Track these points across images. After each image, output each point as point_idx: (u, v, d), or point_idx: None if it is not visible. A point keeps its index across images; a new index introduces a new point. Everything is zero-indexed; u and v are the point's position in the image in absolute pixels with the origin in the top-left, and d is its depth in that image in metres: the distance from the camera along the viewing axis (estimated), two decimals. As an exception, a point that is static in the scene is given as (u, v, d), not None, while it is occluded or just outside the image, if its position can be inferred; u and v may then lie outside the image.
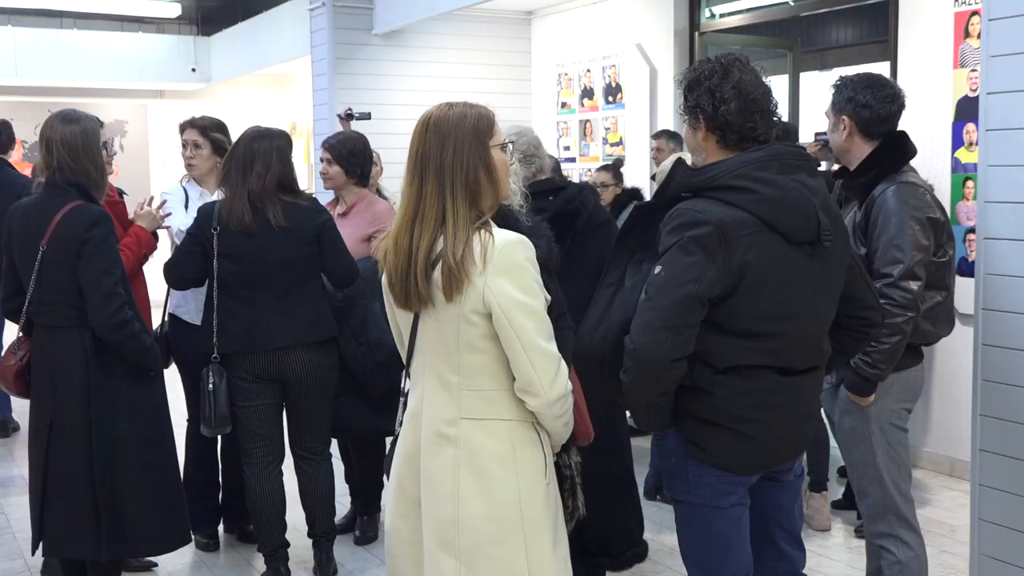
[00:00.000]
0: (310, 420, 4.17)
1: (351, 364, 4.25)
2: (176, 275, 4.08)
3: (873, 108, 3.28)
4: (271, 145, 4.00)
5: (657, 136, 6.38)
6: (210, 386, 3.96)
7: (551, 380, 2.46)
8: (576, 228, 3.64)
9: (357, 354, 4.25)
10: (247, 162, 3.95)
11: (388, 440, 3.01)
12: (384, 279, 2.58)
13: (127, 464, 3.65)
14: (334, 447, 5.27)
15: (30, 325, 3.68)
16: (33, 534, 3.75)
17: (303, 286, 4.04)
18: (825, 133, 3.56)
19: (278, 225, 3.93)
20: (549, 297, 2.54)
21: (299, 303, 4.03)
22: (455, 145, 2.47)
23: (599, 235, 3.73)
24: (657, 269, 2.47)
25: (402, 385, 2.75)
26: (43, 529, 3.69)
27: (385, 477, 2.83)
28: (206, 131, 4.54)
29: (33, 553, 3.87)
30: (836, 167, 3.54)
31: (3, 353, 3.78)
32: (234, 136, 4.60)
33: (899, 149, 3.33)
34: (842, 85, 3.36)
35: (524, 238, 2.49)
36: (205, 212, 4.02)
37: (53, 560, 4.09)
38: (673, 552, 3.00)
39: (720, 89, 2.57)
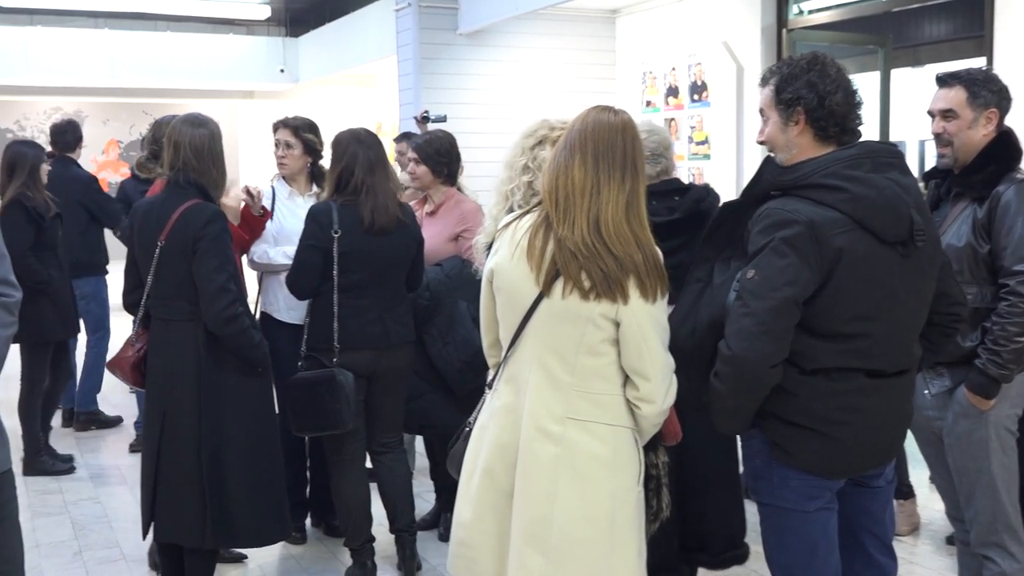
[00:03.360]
0: (390, 415, 4.21)
1: (437, 363, 4.28)
2: (299, 289, 4.08)
3: (1010, 102, 3.26)
4: (383, 148, 4.12)
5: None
6: (347, 392, 3.93)
7: (667, 391, 2.52)
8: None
9: (444, 353, 4.28)
10: (376, 163, 4.02)
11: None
12: (499, 260, 2.60)
13: (233, 456, 3.74)
14: (420, 445, 5.33)
15: (148, 318, 3.82)
16: (143, 519, 3.87)
17: (403, 285, 4.14)
18: None
19: (409, 223, 4.07)
20: None
21: (402, 302, 4.12)
22: None
23: None
24: (751, 273, 2.44)
25: (489, 375, 2.75)
26: (154, 515, 3.80)
27: (452, 471, 2.85)
28: (298, 131, 4.60)
29: (144, 537, 3.97)
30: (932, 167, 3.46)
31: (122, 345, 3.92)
32: (322, 135, 4.70)
33: (1015, 146, 3.26)
34: (984, 79, 3.27)
35: None
36: (323, 214, 4.00)
37: (155, 548, 4.21)
38: (758, 555, 2.96)
39: (823, 80, 2.54)
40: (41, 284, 5.62)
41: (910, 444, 3.57)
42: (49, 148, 6.64)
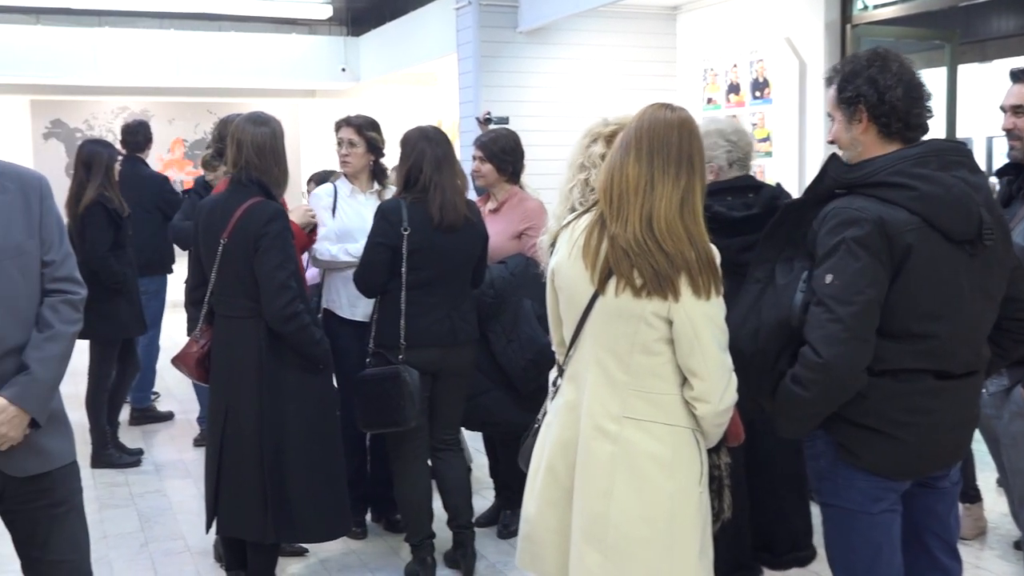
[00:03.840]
0: (451, 412, 4.24)
1: (502, 360, 4.30)
2: (368, 286, 4.07)
3: None
4: (451, 145, 4.14)
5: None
6: (411, 389, 3.95)
7: (723, 390, 2.48)
8: None
9: (508, 351, 4.29)
10: (443, 160, 4.04)
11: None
12: (560, 258, 2.61)
13: (294, 452, 3.78)
14: (478, 441, 5.34)
15: (211, 315, 3.87)
16: (207, 513, 3.94)
17: (468, 283, 4.16)
18: None
19: (476, 220, 4.10)
20: None
21: (467, 299, 4.14)
22: None
23: None
24: (828, 278, 2.41)
25: (553, 373, 2.76)
26: (217, 509, 3.87)
27: (523, 466, 2.86)
28: (361, 129, 4.63)
29: (208, 531, 4.04)
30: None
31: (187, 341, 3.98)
32: (384, 134, 4.73)
33: None
34: None
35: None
36: (393, 212, 4.01)
37: (219, 541, 4.28)
38: (820, 557, 2.94)
39: (883, 76, 2.51)
40: (118, 284, 5.73)
41: (977, 447, 3.52)
42: (119, 147, 6.77)
